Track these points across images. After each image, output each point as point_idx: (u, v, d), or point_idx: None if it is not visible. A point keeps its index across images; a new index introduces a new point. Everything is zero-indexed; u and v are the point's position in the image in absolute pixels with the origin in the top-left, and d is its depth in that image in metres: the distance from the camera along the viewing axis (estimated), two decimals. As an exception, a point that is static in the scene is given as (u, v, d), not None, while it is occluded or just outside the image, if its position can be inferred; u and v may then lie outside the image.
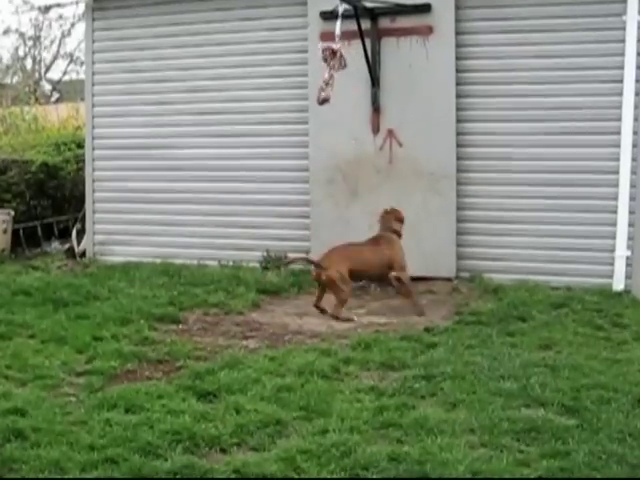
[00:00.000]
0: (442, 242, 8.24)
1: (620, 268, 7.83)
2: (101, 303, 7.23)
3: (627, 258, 7.83)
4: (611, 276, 7.86)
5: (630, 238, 7.82)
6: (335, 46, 7.40)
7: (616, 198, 7.84)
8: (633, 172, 7.77)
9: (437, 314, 7.11)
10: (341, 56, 7.42)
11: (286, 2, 8.85)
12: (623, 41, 7.71)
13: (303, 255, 7.94)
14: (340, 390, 4.92)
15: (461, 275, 8.29)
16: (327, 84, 7.39)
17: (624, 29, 7.70)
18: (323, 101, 7.48)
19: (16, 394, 4.82)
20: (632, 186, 7.78)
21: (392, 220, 7.38)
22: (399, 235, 7.36)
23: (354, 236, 8.39)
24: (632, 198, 7.79)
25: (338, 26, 7.43)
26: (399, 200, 8.31)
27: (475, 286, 7.99)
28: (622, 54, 7.71)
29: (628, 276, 7.83)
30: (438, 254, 8.23)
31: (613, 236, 7.86)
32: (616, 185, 7.83)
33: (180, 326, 6.71)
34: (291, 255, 8.30)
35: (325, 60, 7.43)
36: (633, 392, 4.76)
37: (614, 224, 7.85)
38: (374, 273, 7.36)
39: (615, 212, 7.85)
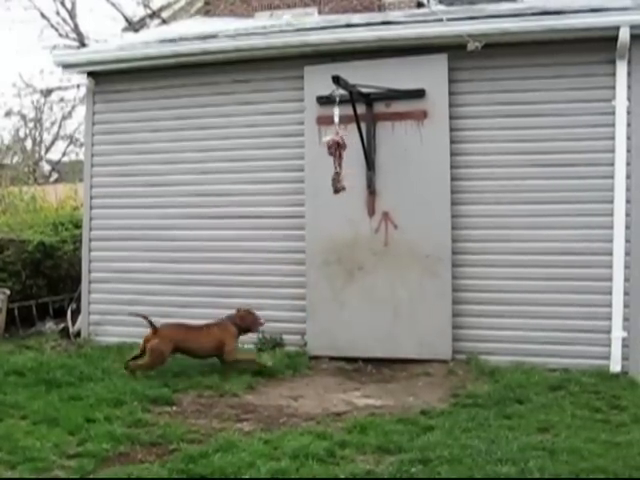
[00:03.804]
0: (438, 324, 8.22)
1: (617, 349, 7.80)
2: (94, 384, 7.16)
3: (623, 339, 7.80)
4: (608, 357, 7.82)
5: (626, 319, 7.82)
6: (339, 139, 7.49)
7: (611, 279, 7.87)
8: (627, 253, 7.83)
9: (433, 396, 7.05)
10: (343, 142, 7.54)
11: (284, 87, 9.03)
12: (613, 125, 7.88)
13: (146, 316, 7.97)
14: (335, 474, 4.84)
15: (457, 357, 8.24)
16: (339, 175, 7.49)
17: (614, 114, 7.88)
18: (338, 190, 7.59)
19: (5, 477, 4.74)
20: (626, 267, 7.83)
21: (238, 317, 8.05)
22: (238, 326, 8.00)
23: (350, 317, 8.44)
24: (626, 279, 7.83)
25: (336, 114, 7.54)
26: (394, 282, 8.36)
27: (471, 368, 7.94)
28: (612, 138, 7.88)
29: (625, 357, 7.79)
30: (434, 336, 8.21)
31: (609, 317, 7.85)
32: (610, 266, 7.88)
33: (174, 408, 6.64)
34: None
35: (332, 154, 7.52)
36: (633, 476, 4.69)
37: (609, 305, 7.87)
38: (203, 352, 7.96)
39: (610, 293, 7.87)
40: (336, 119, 7.54)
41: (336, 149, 7.49)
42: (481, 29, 8.05)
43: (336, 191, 7.58)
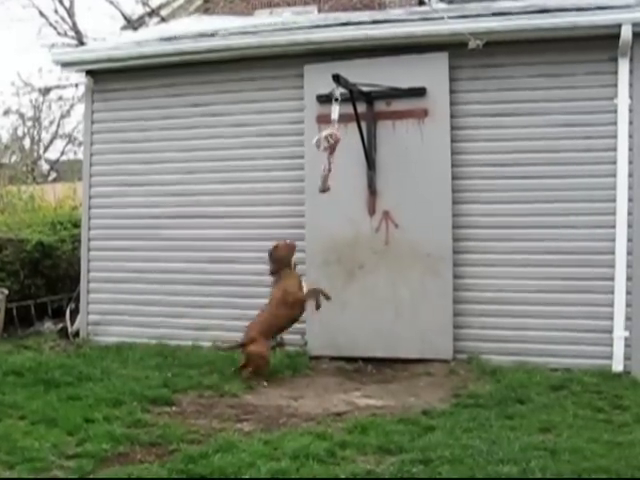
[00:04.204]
0: (439, 323, 8.19)
1: (619, 349, 7.77)
2: (93, 384, 7.12)
3: (625, 339, 7.77)
4: (610, 357, 7.79)
5: (628, 318, 7.79)
6: (340, 136, 7.40)
7: (613, 278, 7.84)
8: (629, 252, 7.80)
9: (435, 396, 7.02)
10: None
11: (283, 85, 9.00)
12: (615, 123, 7.85)
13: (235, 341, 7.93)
14: (336, 474, 4.81)
15: (459, 357, 8.20)
16: (330, 172, 7.42)
17: (616, 112, 7.85)
18: (326, 190, 7.51)
19: (4, 477, 4.71)
20: (629, 266, 7.80)
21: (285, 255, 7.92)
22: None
23: (350, 317, 8.40)
24: (629, 278, 7.80)
25: (335, 111, 7.49)
26: (395, 281, 8.33)
27: (473, 368, 7.90)
28: (614, 136, 7.84)
29: (627, 357, 7.76)
30: (435, 336, 8.18)
31: (611, 317, 7.82)
32: (612, 265, 7.84)
33: (173, 408, 6.60)
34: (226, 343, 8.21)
35: (328, 148, 7.38)
36: (635, 476, 4.67)
37: (612, 305, 7.83)
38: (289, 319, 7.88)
39: (612, 293, 7.84)
40: (334, 116, 7.47)
41: (335, 144, 7.41)
42: (482, 27, 8.01)
43: (324, 190, 7.51)
